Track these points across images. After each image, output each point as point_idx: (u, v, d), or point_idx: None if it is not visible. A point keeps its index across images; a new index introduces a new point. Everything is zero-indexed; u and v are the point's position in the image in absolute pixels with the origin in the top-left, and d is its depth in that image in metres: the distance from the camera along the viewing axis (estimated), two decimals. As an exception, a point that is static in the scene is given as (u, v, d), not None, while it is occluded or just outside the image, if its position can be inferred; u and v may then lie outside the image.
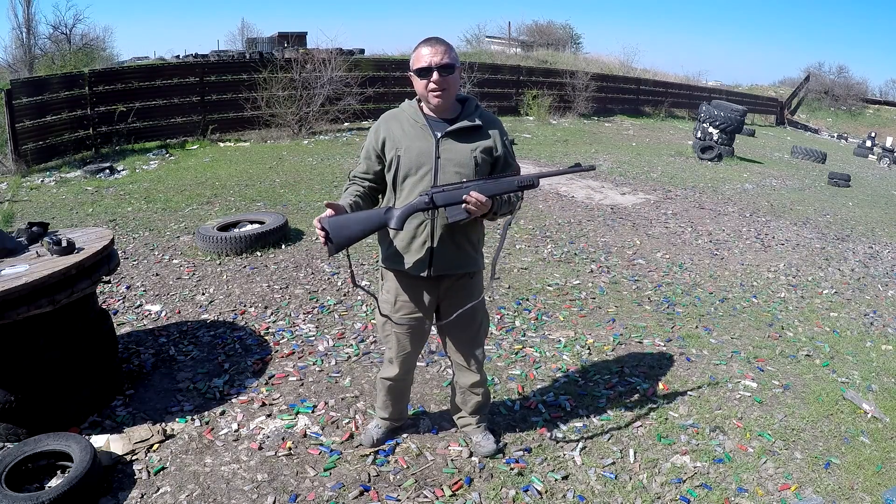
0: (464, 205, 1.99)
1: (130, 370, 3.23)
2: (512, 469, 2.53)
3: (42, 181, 8.00)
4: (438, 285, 2.25)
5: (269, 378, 3.20)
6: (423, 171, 2.09)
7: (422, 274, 2.18)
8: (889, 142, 19.20)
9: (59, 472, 2.41)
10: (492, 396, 2.89)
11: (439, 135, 2.09)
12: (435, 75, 2.01)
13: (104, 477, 2.39)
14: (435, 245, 2.14)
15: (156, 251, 5.14)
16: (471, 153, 2.10)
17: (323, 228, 2.00)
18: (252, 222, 5.51)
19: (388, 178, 2.14)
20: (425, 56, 2.03)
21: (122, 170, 8.68)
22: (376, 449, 2.62)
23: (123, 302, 4.15)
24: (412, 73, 2.08)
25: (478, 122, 2.12)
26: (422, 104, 2.15)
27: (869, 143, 19.57)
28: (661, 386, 3.24)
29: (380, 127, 2.17)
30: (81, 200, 6.92)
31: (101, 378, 2.88)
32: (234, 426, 2.78)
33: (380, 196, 2.25)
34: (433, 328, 2.44)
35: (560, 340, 3.74)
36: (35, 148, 8.79)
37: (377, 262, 2.39)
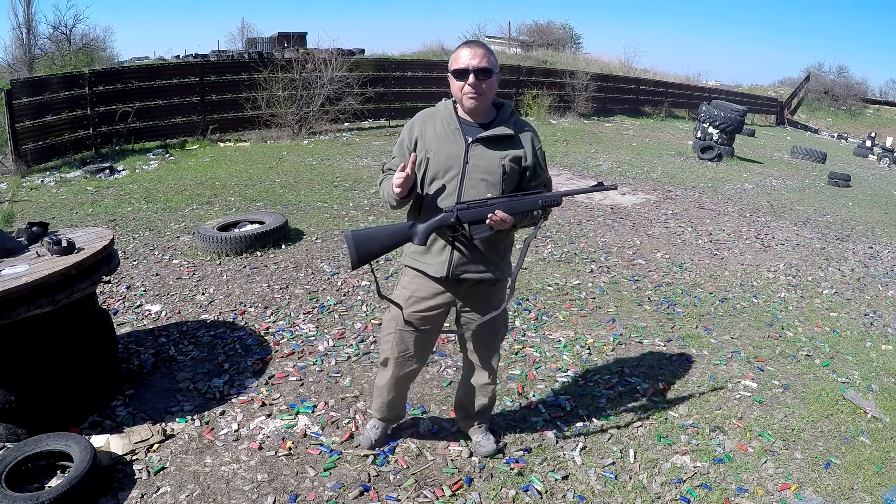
0: (488, 221, 2.00)
1: (130, 370, 3.23)
2: (512, 469, 2.53)
3: (42, 181, 8.00)
4: (457, 288, 2.23)
5: (269, 378, 3.20)
6: (450, 174, 2.08)
7: (440, 276, 2.17)
8: (889, 142, 19.20)
9: (59, 472, 2.41)
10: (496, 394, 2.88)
11: (470, 140, 2.07)
12: (471, 78, 1.99)
13: (104, 477, 2.39)
14: (457, 248, 2.13)
15: (156, 251, 5.14)
16: (499, 161, 2.07)
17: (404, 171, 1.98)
18: (252, 222, 5.51)
19: (417, 179, 2.10)
20: (464, 58, 2.01)
21: (122, 170, 8.68)
22: (375, 451, 2.62)
23: (123, 302, 4.14)
24: (449, 74, 2.06)
25: (510, 130, 2.09)
26: (457, 106, 2.13)
27: (869, 143, 19.57)
28: (661, 386, 3.24)
29: (414, 125, 2.16)
30: (81, 200, 6.91)
31: (101, 378, 2.88)
32: (234, 426, 2.78)
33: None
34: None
35: (560, 340, 3.74)
36: (35, 148, 8.78)
37: (393, 258, 2.36)
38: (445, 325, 2.41)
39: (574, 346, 3.66)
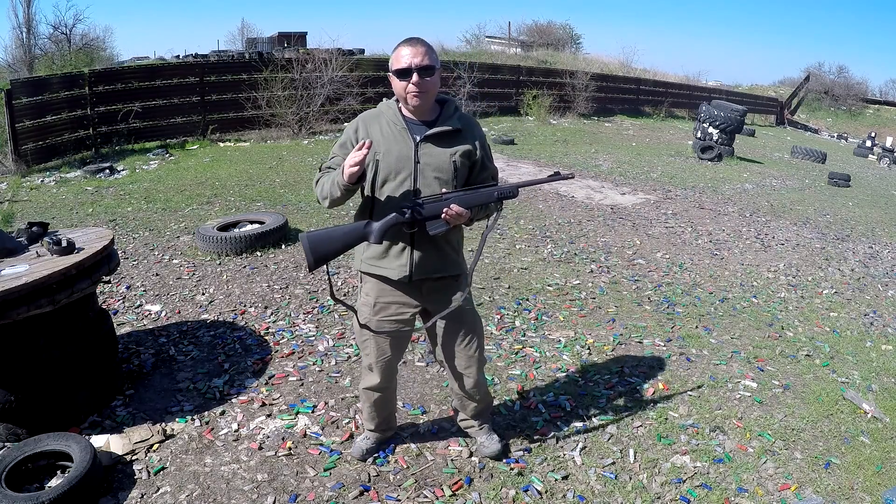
0: (443, 216, 1.98)
1: (130, 370, 3.23)
2: (512, 469, 2.53)
3: (42, 181, 8.00)
4: (420, 289, 2.21)
5: (269, 378, 3.20)
6: (402, 175, 2.05)
7: (402, 279, 2.14)
8: (889, 142, 19.20)
9: (59, 472, 2.41)
10: (489, 394, 2.87)
11: (418, 138, 2.05)
12: (415, 77, 1.97)
13: (104, 477, 2.39)
14: (415, 249, 2.11)
15: (156, 251, 5.14)
16: (450, 157, 2.07)
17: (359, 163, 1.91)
18: (252, 222, 5.51)
19: (367, 181, 2.06)
20: (405, 57, 1.98)
21: (122, 170, 8.69)
22: (366, 461, 2.57)
23: (123, 302, 4.15)
24: (391, 74, 2.03)
25: (458, 125, 2.09)
26: (400, 105, 2.11)
27: (869, 143, 19.57)
28: (661, 386, 3.24)
29: (358, 127, 2.12)
30: (81, 200, 6.92)
31: (101, 378, 2.88)
32: (234, 426, 2.78)
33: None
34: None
35: (560, 340, 3.74)
36: (35, 148, 8.79)
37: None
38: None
39: (574, 346, 3.66)
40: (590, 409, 2.99)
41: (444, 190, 2.04)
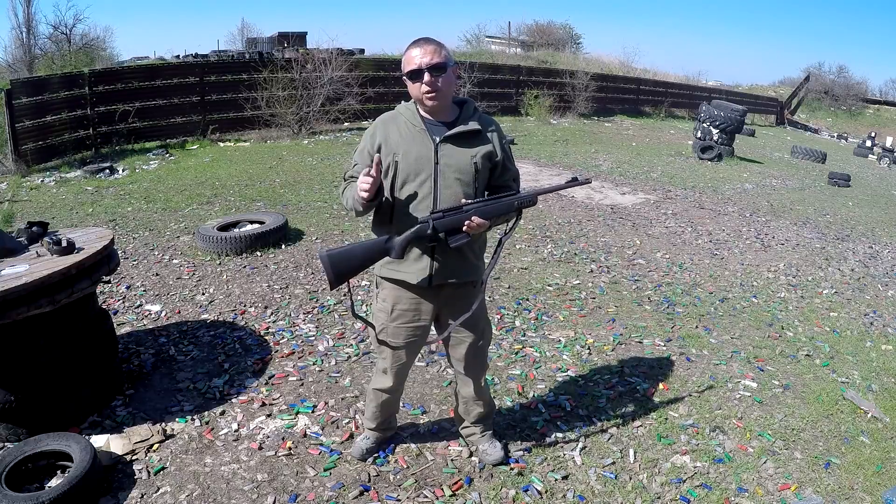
0: (465, 228, 1.97)
1: (130, 370, 3.23)
2: (512, 469, 2.53)
3: (42, 181, 7.99)
4: (438, 294, 2.19)
5: (269, 378, 3.21)
6: (422, 177, 2.02)
7: (422, 283, 2.12)
8: (889, 142, 19.21)
9: (59, 472, 2.41)
10: (493, 399, 2.87)
11: (438, 139, 2.03)
12: (426, 76, 1.95)
13: (104, 477, 2.39)
14: (437, 253, 2.09)
15: (156, 251, 5.14)
16: (471, 159, 2.04)
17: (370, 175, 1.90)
18: (252, 222, 5.51)
19: (386, 184, 2.04)
20: (415, 58, 1.96)
21: (122, 170, 8.68)
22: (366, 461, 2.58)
23: (123, 302, 4.15)
24: (404, 77, 2.02)
25: (477, 126, 2.06)
26: (419, 107, 2.09)
27: (869, 143, 19.56)
28: (661, 386, 3.24)
29: (376, 131, 2.10)
30: (81, 200, 6.92)
31: (101, 378, 2.88)
32: (234, 426, 2.78)
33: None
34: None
35: (560, 340, 3.74)
36: (35, 148, 8.78)
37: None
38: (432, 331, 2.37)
39: (574, 346, 3.66)
40: (590, 409, 2.99)
41: (464, 193, 2.02)
